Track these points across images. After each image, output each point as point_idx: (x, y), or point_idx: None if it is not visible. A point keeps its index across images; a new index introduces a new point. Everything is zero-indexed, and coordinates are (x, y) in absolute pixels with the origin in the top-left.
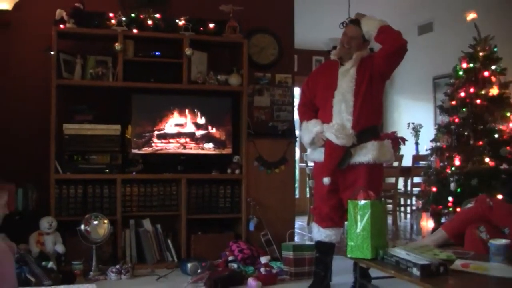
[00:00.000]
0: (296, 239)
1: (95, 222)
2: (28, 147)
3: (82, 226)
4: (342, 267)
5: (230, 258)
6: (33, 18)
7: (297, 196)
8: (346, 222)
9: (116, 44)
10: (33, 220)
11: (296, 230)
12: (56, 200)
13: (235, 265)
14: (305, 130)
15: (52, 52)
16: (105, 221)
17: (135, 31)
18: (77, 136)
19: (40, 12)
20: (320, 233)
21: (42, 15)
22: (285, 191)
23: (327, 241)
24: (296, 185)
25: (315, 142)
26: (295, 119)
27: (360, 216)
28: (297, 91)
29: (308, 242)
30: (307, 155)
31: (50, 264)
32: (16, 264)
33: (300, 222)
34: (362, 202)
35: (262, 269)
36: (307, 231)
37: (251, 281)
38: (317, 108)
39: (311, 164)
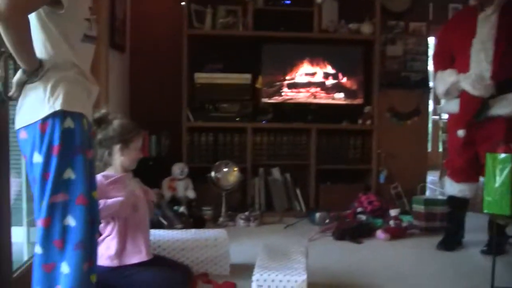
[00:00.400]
0: (427, 193)
1: (225, 170)
2: (161, 96)
3: (213, 173)
4: (475, 224)
5: (359, 209)
6: None
7: (429, 149)
8: (481, 178)
9: None
10: (165, 166)
11: (427, 184)
12: (188, 147)
13: (363, 217)
14: (440, 80)
15: (183, 3)
16: (235, 169)
17: None
18: (208, 85)
19: None
20: (453, 188)
21: None
22: (418, 144)
23: (460, 196)
24: (428, 138)
25: (450, 92)
26: (429, 70)
27: (499, 170)
28: (431, 40)
29: (439, 197)
30: (441, 107)
31: (182, 209)
32: None
33: (431, 177)
34: (502, 155)
35: (391, 222)
36: (439, 186)
37: (379, 234)
38: (453, 58)
39: (444, 116)
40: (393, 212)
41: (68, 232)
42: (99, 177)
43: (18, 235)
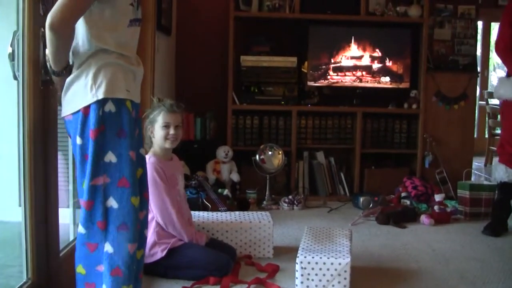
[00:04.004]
0: (472, 179)
1: (270, 153)
2: (207, 79)
3: (257, 156)
4: None
5: (403, 194)
6: None
7: (475, 135)
8: None
9: None
10: (210, 148)
11: (472, 170)
12: (233, 130)
13: (408, 202)
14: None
15: None
16: (280, 152)
17: None
18: (254, 68)
19: None
20: (508, 174)
21: None
22: (464, 129)
23: None
24: (474, 124)
25: None
26: (477, 54)
27: None
28: (480, 24)
29: (485, 182)
30: (495, 91)
31: (226, 192)
32: (194, 190)
33: (476, 163)
34: None
35: (436, 207)
36: (484, 172)
37: (424, 219)
38: None
39: (492, 102)
40: (437, 197)
41: (110, 213)
42: (152, 159)
43: (65, 216)
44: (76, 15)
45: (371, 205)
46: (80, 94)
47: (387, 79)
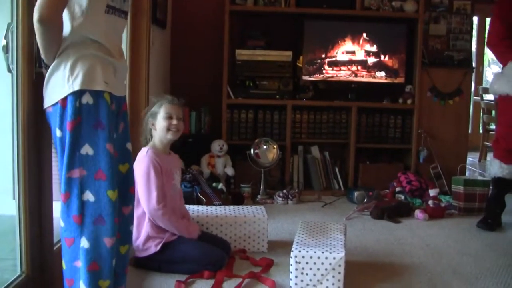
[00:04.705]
0: (467, 174)
1: (265, 147)
2: (202, 72)
3: (252, 150)
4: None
5: (397, 189)
6: None
7: (469, 130)
8: None
9: None
10: (205, 142)
11: (466, 165)
12: (228, 124)
13: (402, 196)
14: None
15: None
16: (274, 146)
17: None
18: (249, 62)
19: None
20: (502, 169)
21: None
22: (459, 124)
23: (509, 178)
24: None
25: None
26: (472, 49)
27: None
28: (476, 20)
29: (479, 178)
30: (490, 86)
31: (220, 186)
32: (188, 184)
33: (471, 158)
34: None
35: (430, 202)
36: (478, 167)
37: (418, 213)
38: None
39: (487, 97)
40: (432, 192)
41: (87, 207)
42: (149, 152)
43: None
44: (62, 4)
45: (365, 200)
46: (58, 85)
47: (382, 74)
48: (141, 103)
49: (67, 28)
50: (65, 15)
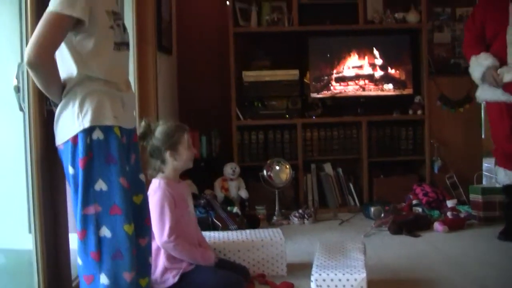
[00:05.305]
0: (484, 181)
1: (277, 168)
2: (209, 96)
3: (265, 172)
4: None
5: (414, 201)
6: None
7: (483, 136)
8: None
9: None
10: (217, 166)
11: (483, 172)
12: (238, 146)
13: (419, 209)
14: (475, 65)
15: (227, 2)
16: (287, 166)
17: None
18: (256, 83)
19: None
20: (508, 176)
21: None
22: (471, 131)
23: None
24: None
25: (486, 78)
26: None
27: None
28: None
29: (497, 185)
30: (478, 96)
31: (235, 209)
32: (203, 209)
33: (486, 164)
34: None
35: (448, 213)
36: (495, 173)
37: (437, 226)
38: (487, 44)
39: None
40: (449, 203)
41: (104, 243)
42: (162, 183)
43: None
44: (51, 48)
45: (382, 215)
46: (68, 123)
47: (390, 86)
48: None
49: (73, 68)
50: (69, 56)
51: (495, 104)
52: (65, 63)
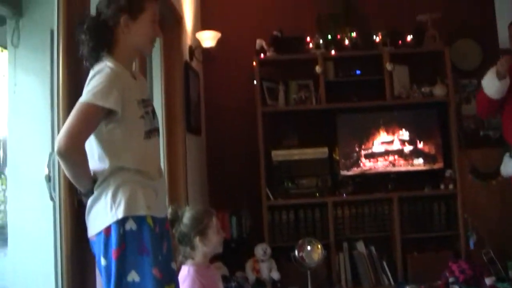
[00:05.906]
0: None
1: (309, 248)
2: (238, 176)
3: (296, 253)
4: None
5: (450, 279)
6: (235, 51)
7: None
8: None
9: (317, 67)
10: (247, 247)
11: None
12: (269, 226)
13: (457, 287)
14: (488, 81)
15: (255, 82)
16: (319, 246)
17: (333, 52)
18: (285, 162)
19: (241, 44)
20: None
21: (243, 47)
22: (505, 203)
23: None
24: None
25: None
26: None
27: None
28: None
29: None
30: (501, 170)
31: None
32: None
33: None
34: None
35: None
36: None
37: None
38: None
39: None
40: (488, 281)
41: None
42: (191, 271)
43: None
44: (82, 138)
45: None
46: (101, 214)
47: (420, 161)
48: None
49: (104, 160)
50: (100, 149)
51: None
52: (96, 155)
